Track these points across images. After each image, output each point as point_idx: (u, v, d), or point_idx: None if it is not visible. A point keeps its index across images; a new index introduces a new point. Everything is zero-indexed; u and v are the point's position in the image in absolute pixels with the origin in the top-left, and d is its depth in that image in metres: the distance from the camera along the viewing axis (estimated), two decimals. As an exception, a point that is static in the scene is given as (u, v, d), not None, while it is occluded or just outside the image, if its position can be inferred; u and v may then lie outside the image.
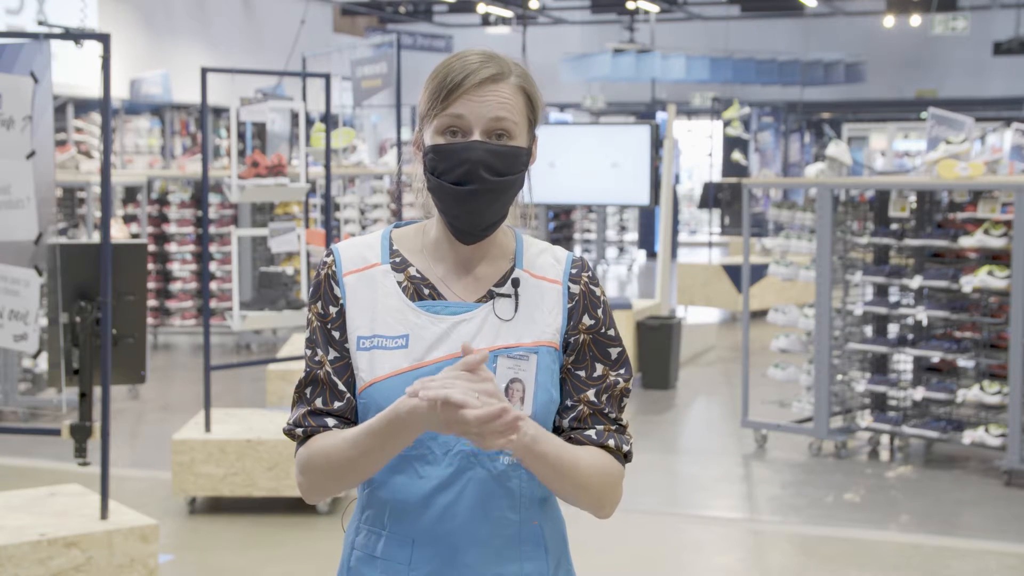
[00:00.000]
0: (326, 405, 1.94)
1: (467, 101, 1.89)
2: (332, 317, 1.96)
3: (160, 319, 11.52)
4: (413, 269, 1.97)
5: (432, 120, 1.92)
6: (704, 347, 11.71)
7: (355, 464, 1.88)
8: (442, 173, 1.91)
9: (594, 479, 1.92)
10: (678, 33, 24.16)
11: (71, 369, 4.45)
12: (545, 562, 1.96)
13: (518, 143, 1.93)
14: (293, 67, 14.06)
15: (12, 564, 4.25)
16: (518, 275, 1.96)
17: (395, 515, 1.92)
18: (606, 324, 1.99)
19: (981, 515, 6.44)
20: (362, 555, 1.96)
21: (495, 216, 1.93)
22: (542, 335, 1.93)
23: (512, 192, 1.94)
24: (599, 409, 1.96)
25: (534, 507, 1.95)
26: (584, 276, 1.99)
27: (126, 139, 15.98)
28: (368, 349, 1.92)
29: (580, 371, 1.96)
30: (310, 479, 1.94)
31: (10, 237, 4.35)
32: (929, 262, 7.45)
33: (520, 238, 2.02)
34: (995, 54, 20.25)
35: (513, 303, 1.95)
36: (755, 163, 21.08)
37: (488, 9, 21.48)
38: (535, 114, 1.97)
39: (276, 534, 5.88)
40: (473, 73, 1.89)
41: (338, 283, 1.96)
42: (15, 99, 4.28)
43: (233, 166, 6.34)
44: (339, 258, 1.98)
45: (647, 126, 9.50)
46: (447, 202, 1.92)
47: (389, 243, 2.00)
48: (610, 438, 1.95)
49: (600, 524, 6.08)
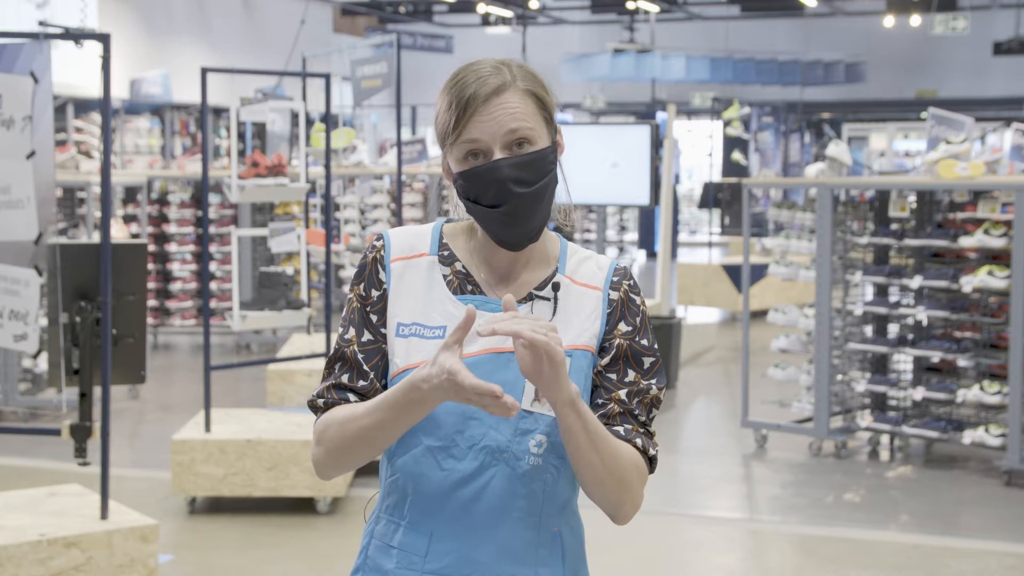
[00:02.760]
0: (351, 382, 1.95)
1: (478, 123, 1.89)
2: (373, 300, 1.97)
3: (160, 319, 11.52)
4: (460, 265, 1.98)
5: (451, 149, 1.92)
6: (704, 347, 11.71)
7: (368, 434, 1.87)
8: (477, 197, 1.91)
9: (623, 465, 1.89)
10: (678, 33, 24.15)
11: (71, 369, 4.45)
12: (561, 569, 1.95)
13: (539, 146, 1.93)
14: (293, 67, 14.07)
15: (12, 564, 4.25)
16: (559, 280, 1.97)
17: (415, 506, 1.92)
18: (642, 333, 1.98)
19: (981, 515, 6.44)
20: (380, 544, 1.96)
21: (538, 223, 1.94)
22: (578, 339, 1.94)
23: (548, 195, 1.95)
24: (629, 409, 1.95)
25: (555, 512, 1.94)
26: (625, 284, 1.99)
27: (126, 139, 15.98)
28: (407, 336, 1.93)
29: (612, 374, 1.95)
30: (324, 448, 1.93)
31: (10, 237, 4.35)
32: (929, 262, 7.45)
33: (565, 245, 2.03)
34: (995, 54, 20.24)
35: (552, 306, 1.95)
36: (755, 163, 21.08)
37: (488, 9, 21.48)
38: (549, 111, 1.96)
39: (276, 534, 5.88)
40: (475, 94, 1.89)
41: (385, 268, 1.97)
42: (15, 99, 4.28)
43: (233, 166, 6.34)
44: (389, 243, 1.99)
45: (647, 126, 9.50)
46: (489, 223, 1.93)
47: (440, 236, 2.01)
48: (637, 438, 1.94)
49: (600, 524, 6.07)
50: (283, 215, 9.79)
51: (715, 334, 12.37)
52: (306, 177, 6.88)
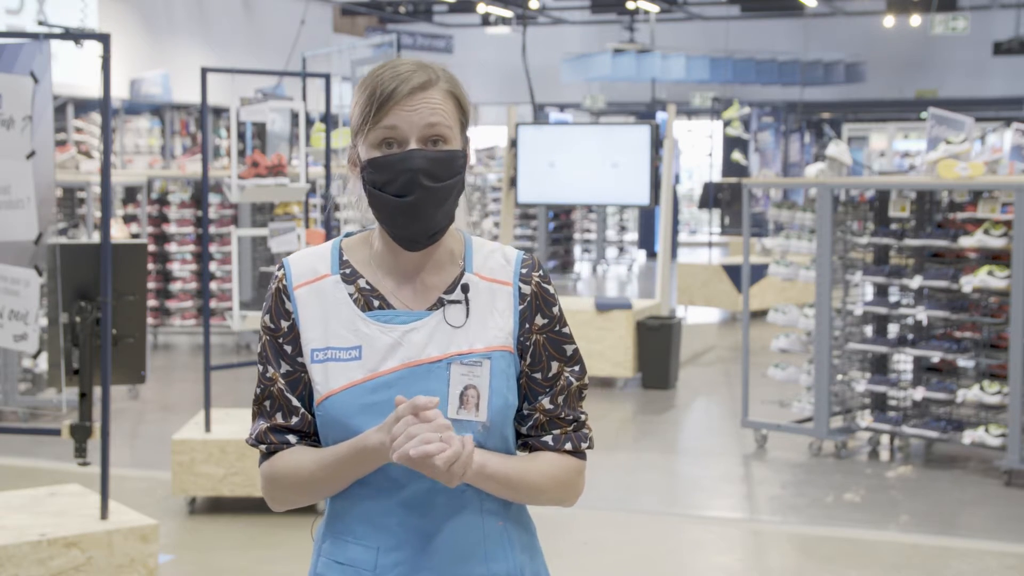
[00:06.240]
0: (286, 420, 1.97)
1: (399, 112, 1.90)
2: (284, 331, 1.97)
3: (160, 319, 11.51)
4: (363, 280, 1.97)
5: (366, 134, 1.93)
6: (704, 347, 11.71)
7: (321, 484, 1.93)
8: (383, 185, 1.91)
9: (547, 484, 1.97)
10: (678, 33, 24.15)
11: (71, 369, 4.45)
12: (513, 562, 1.97)
13: (453, 147, 1.94)
14: (293, 67, 14.06)
15: (12, 564, 4.25)
16: (468, 280, 1.97)
17: (359, 522, 1.94)
18: (560, 322, 2.00)
19: (981, 515, 6.44)
20: (328, 561, 1.98)
21: (441, 222, 1.94)
22: (494, 339, 1.94)
23: (454, 196, 1.95)
24: (555, 415, 1.99)
25: (497, 508, 1.96)
26: (535, 275, 2.00)
27: (126, 139, 15.97)
28: (322, 361, 1.93)
29: (536, 373, 1.98)
30: (276, 493, 1.99)
31: (10, 237, 4.35)
32: (929, 262, 7.45)
33: (469, 241, 2.03)
34: (995, 54, 20.24)
35: (464, 309, 1.95)
36: (755, 163, 21.08)
37: (488, 9, 21.48)
38: (466, 117, 1.98)
39: (276, 534, 5.88)
40: (402, 84, 1.90)
41: (289, 297, 1.97)
42: (15, 99, 4.28)
43: (233, 166, 6.34)
44: (289, 272, 1.98)
45: (647, 126, 9.50)
46: (391, 214, 1.92)
47: (339, 253, 2.01)
48: (567, 441, 1.99)
49: (601, 524, 6.08)
50: (283, 215, 9.78)
51: (715, 334, 12.37)
52: (306, 177, 6.88)
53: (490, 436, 1.92)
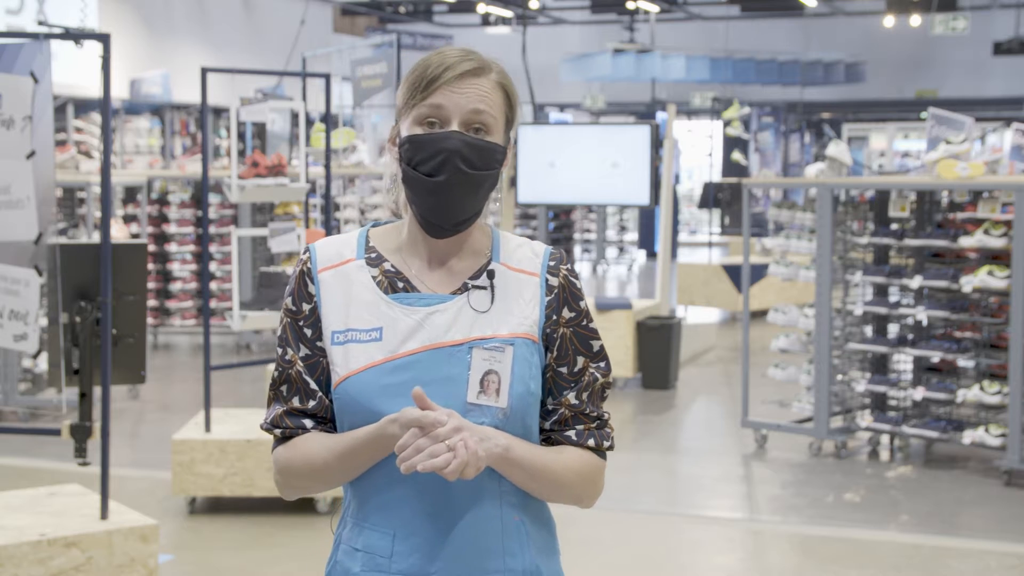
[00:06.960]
0: (303, 404, 1.96)
1: (447, 92, 1.89)
2: (305, 314, 1.97)
3: (160, 319, 11.51)
4: (388, 264, 1.97)
5: (411, 111, 1.92)
6: (704, 347, 11.71)
7: (336, 471, 1.92)
8: (418, 163, 1.90)
9: (570, 479, 1.96)
10: (678, 33, 24.15)
11: (71, 369, 4.45)
12: (530, 558, 1.96)
13: (495, 139, 1.93)
14: (293, 67, 14.07)
15: (12, 564, 4.25)
16: (494, 267, 1.96)
17: (377, 509, 1.93)
18: (587, 317, 2.00)
19: (981, 515, 6.44)
20: (347, 548, 1.97)
21: (468, 211, 1.93)
22: (519, 327, 1.93)
23: (486, 188, 1.94)
24: (580, 411, 1.98)
25: (516, 502, 1.95)
26: (563, 268, 1.99)
27: (126, 139, 15.97)
28: (342, 343, 1.92)
29: (562, 367, 1.97)
30: (288, 479, 1.98)
31: (10, 237, 4.35)
32: (929, 262, 7.45)
33: (497, 234, 2.02)
34: (995, 54, 20.24)
35: (489, 295, 1.94)
36: (755, 163, 21.09)
37: (488, 9, 21.47)
38: (512, 113, 1.97)
39: (276, 534, 5.88)
40: (454, 65, 1.90)
41: (313, 280, 1.97)
42: (15, 99, 4.28)
43: (233, 166, 6.34)
44: (315, 255, 1.99)
45: (647, 126, 9.50)
46: (421, 193, 1.91)
47: (366, 240, 2.01)
48: (590, 437, 1.98)
49: (601, 524, 6.08)
50: (283, 215, 9.78)
51: (715, 334, 12.37)
52: (306, 177, 6.88)
53: (509, 423, 1.90)
